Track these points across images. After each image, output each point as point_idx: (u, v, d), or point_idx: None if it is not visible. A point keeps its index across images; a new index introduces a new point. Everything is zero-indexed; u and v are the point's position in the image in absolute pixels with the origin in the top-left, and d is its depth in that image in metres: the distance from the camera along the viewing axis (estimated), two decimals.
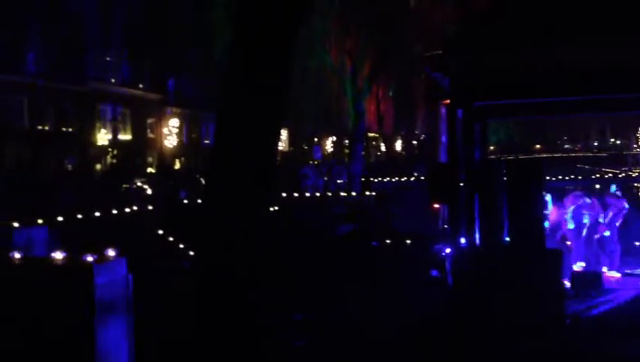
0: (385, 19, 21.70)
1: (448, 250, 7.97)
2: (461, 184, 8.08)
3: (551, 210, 10.15)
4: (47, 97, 31.80)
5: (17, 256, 5.94)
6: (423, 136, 37.65)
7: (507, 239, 7.63)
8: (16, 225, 9.73)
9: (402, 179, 24.70)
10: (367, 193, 19.12)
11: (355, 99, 23.50)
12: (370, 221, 17.12)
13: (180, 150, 41.69)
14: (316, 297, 9.38)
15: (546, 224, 9.60)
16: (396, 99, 30.45)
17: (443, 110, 9.11)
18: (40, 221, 10.33)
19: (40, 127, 32.14)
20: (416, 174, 25.09)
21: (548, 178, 12.55)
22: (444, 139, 9.40)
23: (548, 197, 10.11)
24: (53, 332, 5.53)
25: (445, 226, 9.01)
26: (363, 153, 30.80)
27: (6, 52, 29.44)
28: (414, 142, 45.11)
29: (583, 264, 9.96)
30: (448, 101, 8.49)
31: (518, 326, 6.76)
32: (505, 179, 7.76)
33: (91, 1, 32.51)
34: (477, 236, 7.69)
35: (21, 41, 30.38)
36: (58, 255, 5.66)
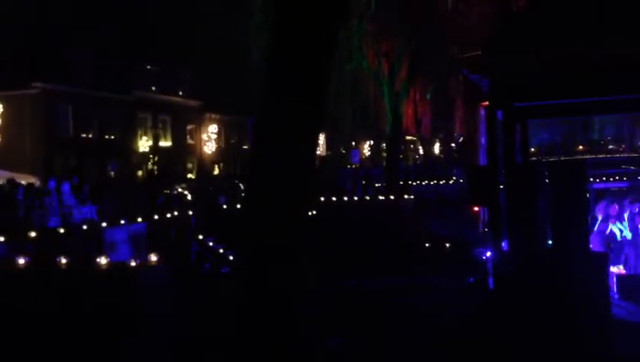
0: (421, 21, 21.57)
1: (489, 254, 7.87)
2: (501, 186, 7.97)
3: (594, 211, 9.93)
4: (91, 106, 32.65)
5: (64, 260, 6.12)
6: (462, 138, 37.24)
7: (550, 242, 7.49)
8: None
9: (441, 183, 24.50)
10: (406, 196, 19.02)
11: (393, 102, 23.40)
12: (409, 224, 17.03)
13: (219, 155, 42.21)
14: (357, 298, 9.38)
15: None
16: (434, 102, 30.18)
17: (482, 112, 9.01)
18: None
19: (84, 135, 33.00)
20: (455, 177, 24.85)
21: (592, 179, 12.26)
22: (483, 141, 9.29)
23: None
24: (101, 331, 5.69)
25: (486, 229, 8.90)
26: (401, 156, 30.61)
27: (52, 62, 30.36)
28: (453, 145, 44.66)
29: (621, 266, 9.71)
30: (487, 103, 8.39)
31: (562, 330, 6.63)
32: (547, 181, 7.62)
33: (133, 11, 33.24)
34: (518, 239, 7.57)
35: (66, 52, 31.27)
36: (103, 260, 5.82)
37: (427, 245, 15.07)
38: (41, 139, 30.12)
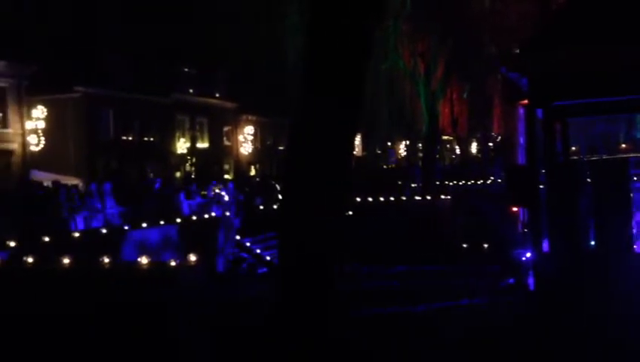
0: (457, 21, 21.35)
1: (529, 254, 7.75)
2: (541, 186, 7.84)
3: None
4: (131, 109, 33.27)
5: (107, 260, 6.26)
6: (500, 137, 36.72)
7: (592, 243, 7.34)
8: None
9: (478, 182, 24.17)
10: (443, 196, 18.85)
11: (429, 102, 23.22)
12: (446, 224, 16.89)
13: (255, 156, 42.55)
14: (392, 299, 9.34)
15: None
16: (471, 101, 29.82)
17: (521, 111, 8.88)
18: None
19: (124, 138, 33.66)
20: (492, 177, 24.50)
21: (635, 178, 11.94)
22: (521, 140, 9.15)
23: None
24: (142, 326, 5.81)
25: (525, 230, 8.77)
26: (437, 156, 30.31)
27: (93, 66, 31.06)
28: (490, 145, 44.06)
29: None
30: (526, 101, 8.26)
31: (605, 331, 6.49)
32: (589, 180, 7.47)
33: (169, 14, 33.76)
34: (560, 240, 7.43)
35: (106, 55, 31.95)
36: (144, 260, 5.93)
37: (465, 246, 14.92)
38: (83, 142, 30.82)
